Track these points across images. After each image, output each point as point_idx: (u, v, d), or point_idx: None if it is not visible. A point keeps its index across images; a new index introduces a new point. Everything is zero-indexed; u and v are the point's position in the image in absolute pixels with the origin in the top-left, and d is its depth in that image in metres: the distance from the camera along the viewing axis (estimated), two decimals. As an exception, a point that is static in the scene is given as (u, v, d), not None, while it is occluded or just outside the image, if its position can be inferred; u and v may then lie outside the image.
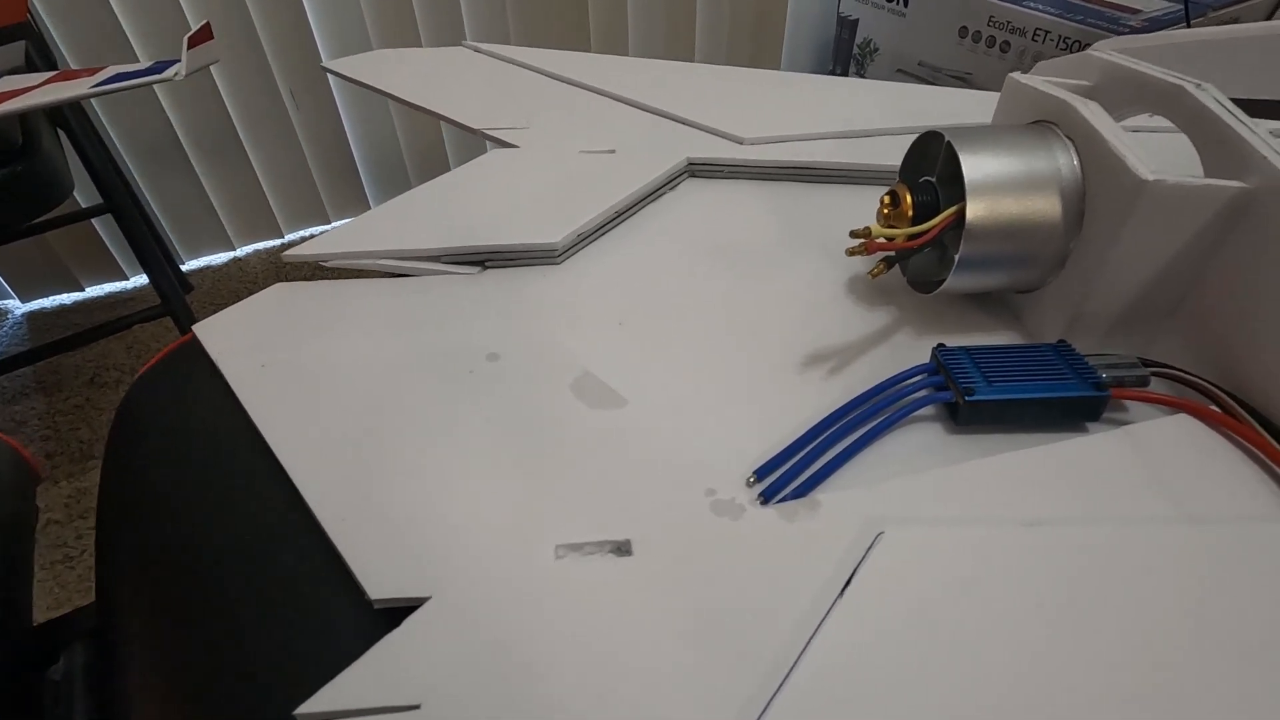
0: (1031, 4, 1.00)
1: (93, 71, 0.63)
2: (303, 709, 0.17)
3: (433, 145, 1.25)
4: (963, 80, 1.11)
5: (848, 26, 1.28)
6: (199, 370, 0.28)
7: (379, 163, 1.25)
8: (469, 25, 1.14)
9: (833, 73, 1.32)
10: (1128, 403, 0.25)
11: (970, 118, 0.41)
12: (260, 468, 0.23)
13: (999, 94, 0.32)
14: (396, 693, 0.17)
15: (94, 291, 1.18)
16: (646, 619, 0.19)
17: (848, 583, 0.19)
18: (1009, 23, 1.03)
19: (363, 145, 1.23)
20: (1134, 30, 0.92)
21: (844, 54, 1.30)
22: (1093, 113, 0.25)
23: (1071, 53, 0.84)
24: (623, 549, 0.20)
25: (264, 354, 0.28)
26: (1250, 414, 0.23)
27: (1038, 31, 1.00)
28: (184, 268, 1.20)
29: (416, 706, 0.17)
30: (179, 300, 0.89)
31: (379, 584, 0.19)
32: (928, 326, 0.29)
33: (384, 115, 1.20)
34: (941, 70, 1.15)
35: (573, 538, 0.20)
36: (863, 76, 1.27)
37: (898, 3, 1.17)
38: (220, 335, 0.29)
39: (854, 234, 0.24)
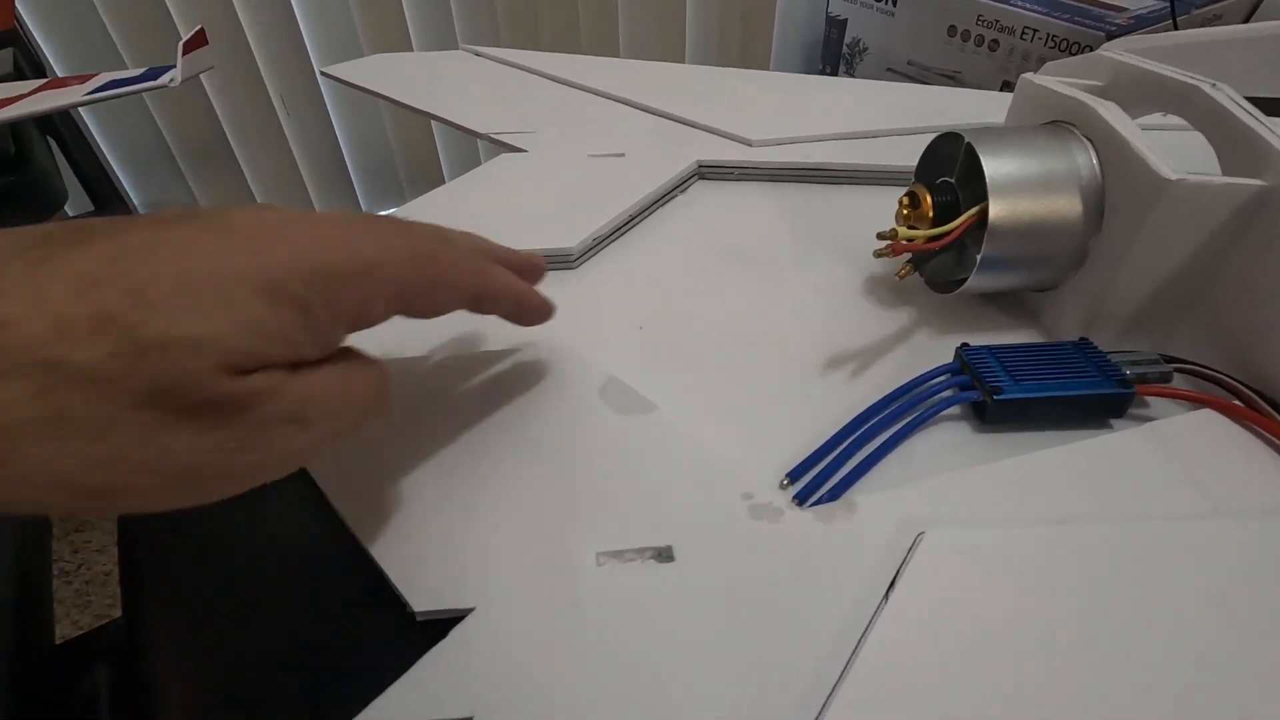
0: (1019, 2, 1.01)
1: (85, 79, 0.63)
2: (355, 724, 0.17)
3: (426, 150, 1.24)
4: (951, 79, 1.12)
5: (836, 26, 1.28)
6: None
7: (371, 168, 1.24)
8: (460, 29, 1.14)
9: (822, 72, 1.32)
10: (1150, 399, 0.25)
11: (970, 116, 0.42)
12: (293, 485, 0.23)
13: (997, 93, 0.32)
14: (448, 704, 0.17)
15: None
16: (692, 625, 0.19)
17: (892, 585, 0.19)
18: (997, 21, 1.03)
19: (355, 150, 1.22)
20: (1121, 27, 0.93)
21: (833, 53, 1.30)
22: (1112, 114, 0.25)
23: (1059, 50, 0.84)
24: (664, 555, 0.20)
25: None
26: (1274, 408, 0.23)
27: (1026, 30, 1.00)
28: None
29: (469, 718, 0.17)
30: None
31: (421, 596, 0.19)
32: (947, 326, 0.29)
33: (376, 120, 1.19)
34: (930, 69, 1.16)
35: (613, 545, 0.20)
36: (852, 76, 1.27)
37: (886, 2, 1.18)
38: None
39: (881, 236, 0.24)
